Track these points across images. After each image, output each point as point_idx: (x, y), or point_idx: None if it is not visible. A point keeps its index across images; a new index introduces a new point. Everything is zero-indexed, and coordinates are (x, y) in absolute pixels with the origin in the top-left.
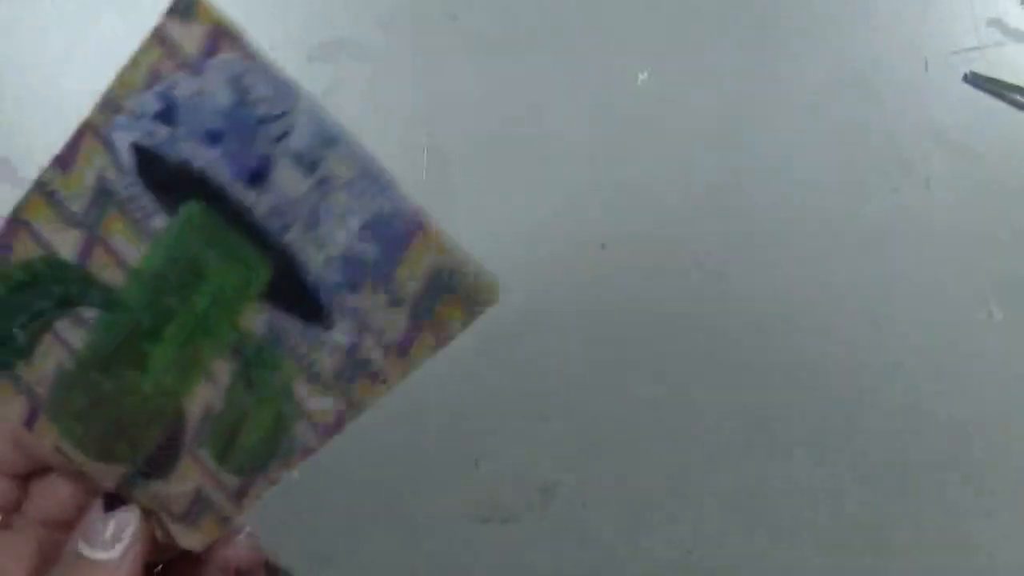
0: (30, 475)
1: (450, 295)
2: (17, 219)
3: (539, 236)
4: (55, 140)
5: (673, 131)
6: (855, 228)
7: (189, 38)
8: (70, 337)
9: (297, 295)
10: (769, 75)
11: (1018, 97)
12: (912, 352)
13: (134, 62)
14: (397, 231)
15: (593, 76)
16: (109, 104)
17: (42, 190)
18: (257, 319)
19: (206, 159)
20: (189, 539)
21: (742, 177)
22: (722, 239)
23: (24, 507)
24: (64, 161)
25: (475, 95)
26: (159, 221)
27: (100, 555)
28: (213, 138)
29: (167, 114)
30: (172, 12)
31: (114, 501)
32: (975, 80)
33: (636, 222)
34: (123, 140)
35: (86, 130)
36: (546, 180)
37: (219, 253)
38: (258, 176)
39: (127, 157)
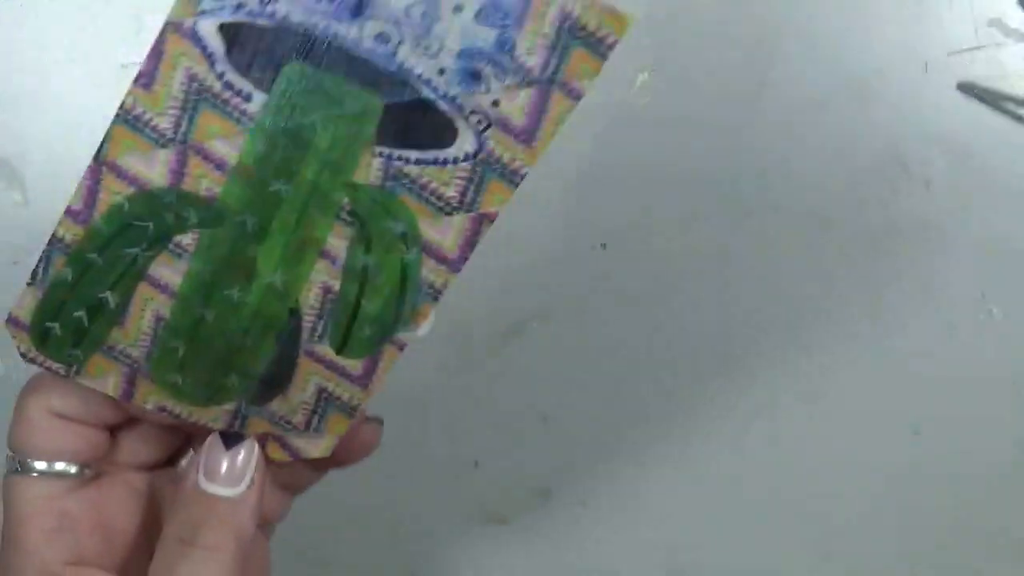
0: (120, 424)
1: (578, 46)
2: (100, 162)
3: (539, 236)
4: (55, 140)
5: (673, 132)
6: (855, 229)
7: None
8: (166, 276)
9: (415, 119)
10: (769, 76)
11: (1011, 106)
12: (912, 353)
13: None
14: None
15: None
16: None
17: (124, 118)
18: (371, 168)
19: (304, 8)
20: (316, 449)
21: (742, 178)
22: (722, 239)
23: (114, 454)
24: (147, 76)
25: None
26: (257, 103)
27: (225, 491)
28: None
29: None
30: None
31: (231, 437)
32: (969, 89)
33: (636, 222)
34: (210, 26)
35: (168, 30)
36: (546, 180)
37: (324, 110)
38: (362, 2)
39: (216, 43)
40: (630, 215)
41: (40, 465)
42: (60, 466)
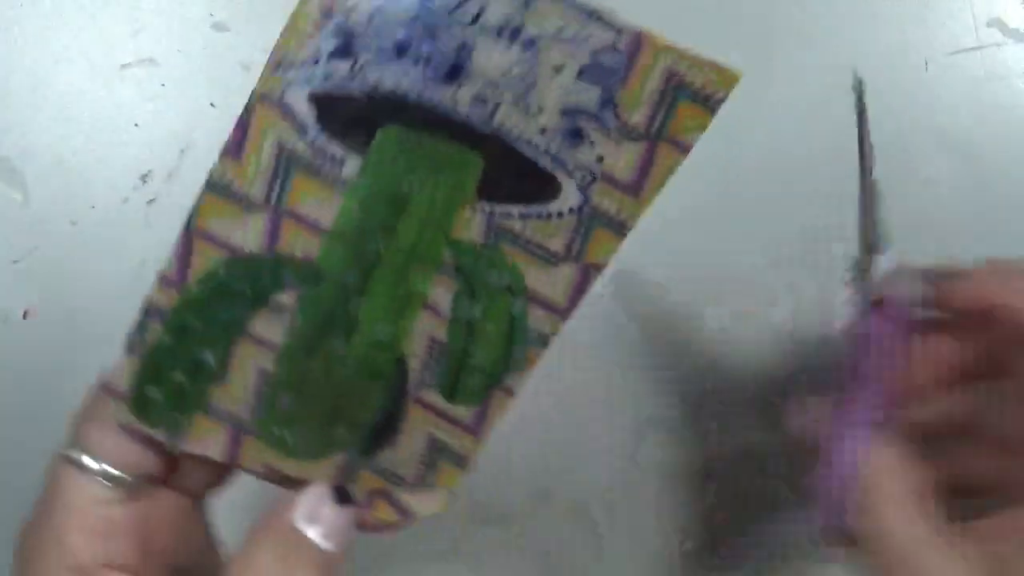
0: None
1: (684, 100)
2: (190, 230)
3: None
4: (55, 139)
5: None
6: (855, 229)
7: None
8: (267, 333)
9: (516, 177)
10: (768, 75)
11: None
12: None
13: (300, 9)
14: (617, 59)
15: None
16: (279, 64)
17: (214, 188)
18: (472, 223)
19: (395, 75)
20: (426, 505)
21: (741, 177)
22: (721, 238)
23: (170, 475)
24: (234, 148)
25: None
26: (351, 167)
27: (324, 543)
28: (400, 50)
29: (346, 47)
30: None
31: (341, 493)
32: None
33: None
34: (298, 96)
35: (256, 102)
36: None
37: (422, 172)
38: (457, 69)
39: (306, 112)
40: None
41: (99, 467)
42: (118, 472)
